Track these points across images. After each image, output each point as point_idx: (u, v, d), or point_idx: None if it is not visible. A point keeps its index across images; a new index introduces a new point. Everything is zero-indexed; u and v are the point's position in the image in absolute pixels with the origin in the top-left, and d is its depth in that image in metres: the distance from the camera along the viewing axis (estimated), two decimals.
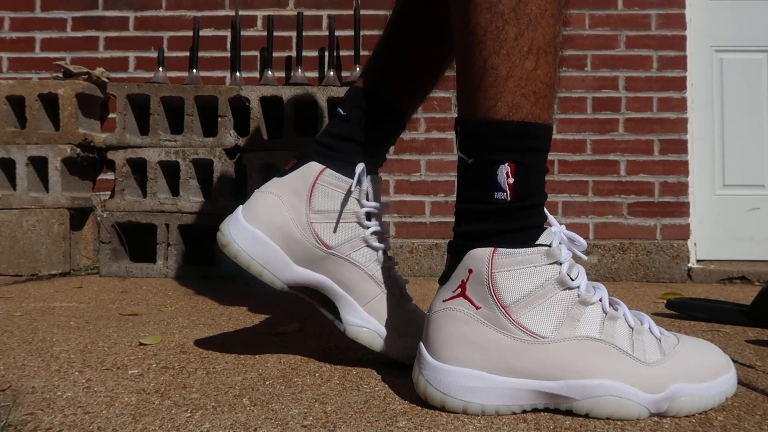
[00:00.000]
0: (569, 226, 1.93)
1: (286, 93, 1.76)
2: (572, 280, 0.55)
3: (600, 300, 0.56)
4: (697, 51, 2.02)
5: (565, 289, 0.55)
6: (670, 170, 1.94)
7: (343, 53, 1.99)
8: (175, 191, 1.79)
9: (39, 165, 1.79)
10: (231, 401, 0.57)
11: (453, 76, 0.62)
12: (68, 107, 1.79)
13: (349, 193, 0.69)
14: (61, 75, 1.88)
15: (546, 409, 0.54)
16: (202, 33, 1.99)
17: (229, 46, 2.01)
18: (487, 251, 0.55)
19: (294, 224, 0.69)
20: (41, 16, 2.01)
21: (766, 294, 1.00)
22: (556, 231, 0.56)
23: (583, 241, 0.58)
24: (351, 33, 1.94)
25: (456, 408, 0.54)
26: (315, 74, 1.99)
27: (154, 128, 1.78)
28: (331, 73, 1.90)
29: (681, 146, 1.95)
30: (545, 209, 0.58)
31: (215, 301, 1.25)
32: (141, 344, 0.82)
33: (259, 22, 2.01)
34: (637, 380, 0.52)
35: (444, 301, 0.56)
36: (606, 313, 0.55)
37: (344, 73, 1.98)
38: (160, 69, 1.94)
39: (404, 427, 0.50)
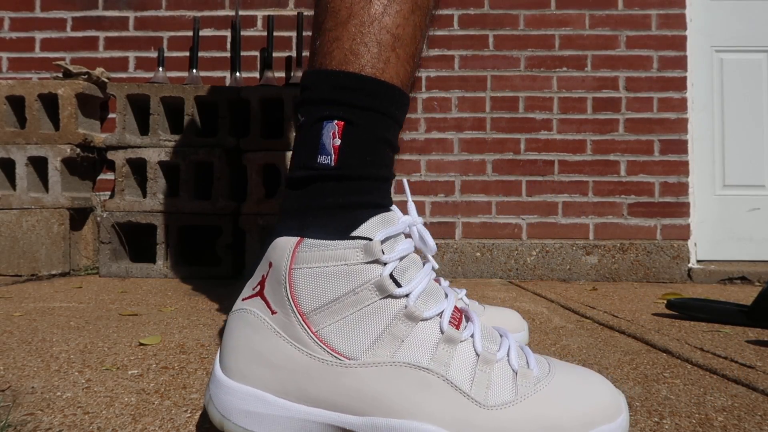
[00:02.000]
0: (569, 226, 1.93)
1: (286, 93, 1.76)
2: (398, 286, 0.43)
3: (440, 315, 0.43)
4: (697, 51, 2.02)
5: (385, 298, 0.42)
6: (670, 170, 1.94)
7: None
8: (175, 191, 1.79)
9: (39, 165, 1.79)
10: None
11: (454, 76, 0.62)
12: (68, 107, 1.79)
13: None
14: (60, 75, 1.88)
15: None
16: (202, 33, 1.99)
17: (229, 46, 2.00)
18: (290, 241, 0.44)
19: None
20: (41, 16, 2.01)
21: (766, 294, 1.00)
22: (399, 224, 0.45)
23: (432, 245, 0.46)
24: None
25: None
26: None
27: (154, 128, 1.78)
28: None
29: (681, 146, 1.95)
30: (407, 191, 0.49)
31: (215, 301, 1.25)
32: (141, 344, 0.82)
33: (259, 22, 2.00)
34: (466, 427, 0.40)
35: (243, 299, 0.46)
36: (443, 333, 0.42)
37: None
38: (160, 69, 1.94)
39: None
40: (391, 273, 0.43)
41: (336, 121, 0.45)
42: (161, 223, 1.72)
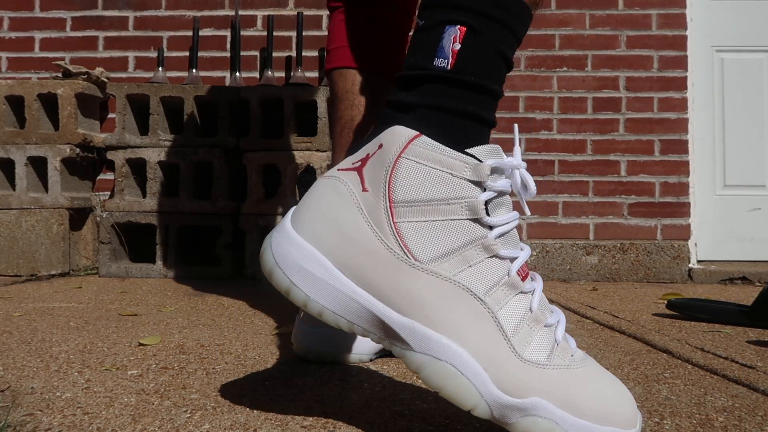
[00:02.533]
0: (570, 226, 1.93)
1: (286, 93, 1.76)
2: (488, 215, 0.43)
3: (511, 260, 0.44)
4: (697, 51, 2.02)
5: (472, 220, 0.43)
6: (670, 170, 1.94)
7: None
8: (174, 191, 1.79)
9: (38, 165, 1.79)
10: (231, 402, 0.57)
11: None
12: (67, 107, 1.78)
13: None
14: (60, 75, 1.88)
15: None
16: (201, 33, 1.99)
17: (228, 45, 2.00)
18: (409, 131, 0.44)
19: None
20: (40, 16, 2.01)
21: (766, 294, 1.00)
22: (510, 161, 0.45)
23: (533, 189, 0.46)
24: None
25: (280, 284, 0.44)
26: (315, 74, 1.99)
27: (153, 128, 1.78)
28: None
29: (681, 146, 1.95)
30: (517, 133, 0.47)
31: (215, 301, 1.25)
32: (140, 345, 0.82)
33: (259, 22, 2.00)
34: (495, 368, 0.41)
35: (339, 170, 0.46)
36: (509, 276, 0.43)
37: None
38: (160, 69, 1.93)
39: (404, 428, 0.50)
40: (487, 201, 0.43)
41: (459, 26, 0.44)
42: (161, 223, 1.72)
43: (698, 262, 1.98)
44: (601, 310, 1.22)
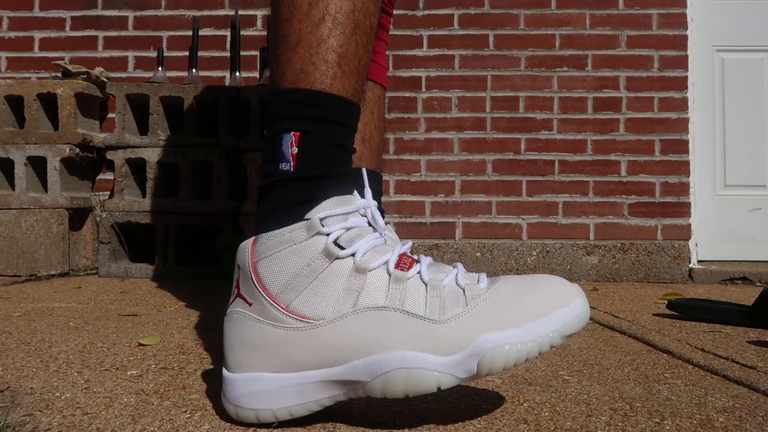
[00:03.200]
0: (570, 227, 1.93)
1: None
2: (342, 248, 0.49)
3: (385, 263, 0.49)
4: (698, 51, 2.01)
5: (334, 260, 0.49)
6: (671, 170, 1.94)
7: None
8: (174, 191, 1.79)
9: (38, 165, 1.79)
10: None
11: (454, 76, 0.62)
12: (67, 107, 1.78)
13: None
14: (59, 75, 1.87)
15: (350, 400, 0.51)
16: (201, 32, 1.99)
17: (228, 45, 2.00)
18: (248, 242, 0.51)
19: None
20: (40, 16, 2.00)
21: (767, 294, 1.00)
22: (357, 203, 0.51)
23: (382, 224, 0.53)
24: None
25: (249, 419, 0.49)
26: None
27: (153, 128, 1.77)
28: None
29: (682, 146, 1.94)
30: (365, 179, 0.54)
31: (215, 302, 1.25)
32: (140, 345, 0.82)
33: (259, 22, 2.00)
34: (429, 344, 0.46)
35: (229, 305, 0.53)
36: (391, 276, 0.48)
37: None
38: (160, 69, 1.93)
39: (404, 428, 0.50)
40: (336, 240, 0.49)
41: (292, 132, 0.51)
42: (161, 223, 1.72)
43: (699, 262, 1.97)
44: (602, 310, 1.21)
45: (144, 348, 0.80)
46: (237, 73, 1.94)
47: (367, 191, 0.53)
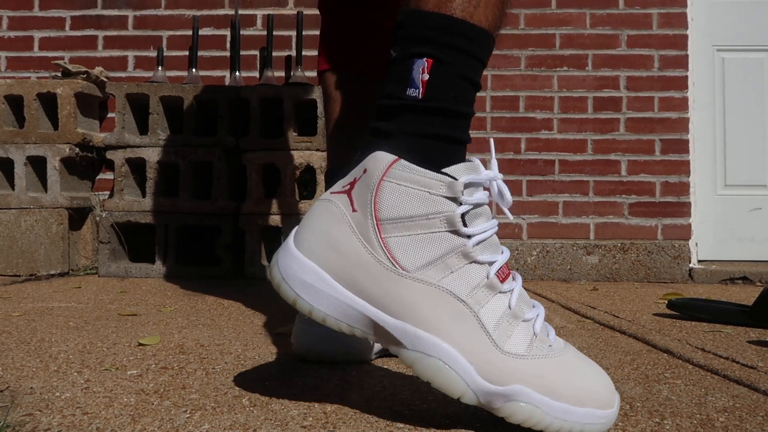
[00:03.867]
0: (570, 226, 1.93)
1: (286, 93, 1.76)
2: (465, 226, 0.48)
3: (490, 263, 0.49)
4: (698, 50, 2.01)
5: (451, 231, 0.48)
6: (671, 170, 1.94)
7: None
8: (174, 191, 1.79)
9: (37, 165, 1.79)
10: (230, 402, 0.57)
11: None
12: (67, 107, 1.78)
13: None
14: (59, 74, 1.87)
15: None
16: (201, 32, 1.99)
17: (228, 45, 2.00)
18: (388, 157, 0.49)
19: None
20: (40, 15, 2.00)
21: (767, 294, 1.00)
22: (483, 174, 0.50)
23: (509, 199, 0.52)
24: None
25: (287, 296, 0.50)
26: (315, 74, 1.98)
27: (153, 128, 1.77)
28: None
29: (682, 146, 1.94)
30: (492, 149, 0.52)
31: (215, 301, 1.25)
32: (140, 344, 0.82)
33: (259, 22, 2.00)
34: (479, 361, 0.46)
35: (331, 193, 0.52)
36: (488, 278, 0.48)
37: None
38: (160, 68, 1.93)
39: (404, 428, 0.50)
40: (463, 213, 0.49)
41: (426, 58, 0.49)
42: (161, 222, 1.72)
43: (699, 261, 1.97)
44: (602, 310, 1.21)
45: (144, 348, 0.80)
46: (237, 73, 1.94)
47: (494, 162, 0.52)
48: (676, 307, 1.12)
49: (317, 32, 2.01)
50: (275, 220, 1.72)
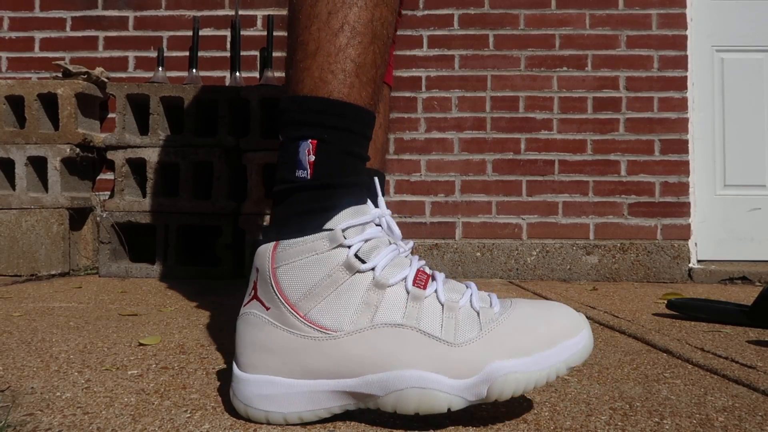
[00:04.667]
0: (570, 226, 1.93)
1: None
2: (363, 262, 0.50)
3: (403, 279, 0.50)
4: (697, 51, 2.02)
5: (354, 274, 0.50)
6: (670, 170, 1.94)
7: None
8: (174, 191, 1.79)
9: (38, 165, 1.79)
10: (231, 402, 0.57)
11: (454, 76, 0.62)
12: (67, 107, 1.78)
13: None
14: (60, 75, 1.88)
15: (359, 410, 0.51)
16: (201, 33, 1.99)
17: (228, 45, 2.00)
18: (268, 246, 0.51)
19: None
20: (40, 16, 2.01)
21: (766, 294, 1.00)
22: (372, 213, 0.52)
23: (398, 232, 0.54)
24: None
25: (259, 419, 0.50)
26: None
27: (153, 128, 1.77)
28: None
29: (682, 146, 1.94)
30: (378, 189, 0.55)
31: (215, 301, 1.25)
32: (140, 344, 0.82)
33: (259, 22, 2.00)
34: (442, 365, 0.47)
35: (243, 305, 0.54)
36: (409, 293, 0.50)
37: None
38: (160, 69, 1.93)
39: (404, 428, 0.50)
40: (356, 253, 0.50)
41: (310, 140, 0.52)
42: (161, 223, 1.72)
43: (698, 261, 1.98)
44: (601, 310, 1.22)
45: (144, 348, 0.80)
46: (237, 73, 1.94)
47: (381, 200, 0.54)
48: (676, 307, 1.12)
49: None
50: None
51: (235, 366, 0.53)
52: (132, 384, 0.63)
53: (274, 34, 1.97)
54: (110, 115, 2.00)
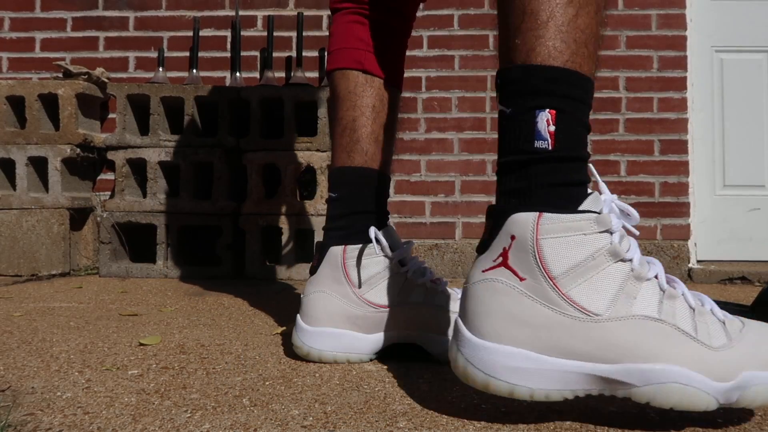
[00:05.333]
0: None
1: (286, 93, 1.76)
2: (626, 252, 0.50)
3: (656, 276, 0.51)
4: (697, 51, 2.02)
5: (617, 262, 0.50)
6: (670, 170, 1.94)
7: None
8: (175, 191, 1.79)
9: (39, 165, 1.79)
10: (231, 401, 0.57)
11: (454, 76, 0.62)
12: (68, 107, 1.79)
13: (383, 255, 0.74)
14: (61, 75, 1.88)
15: (601, 396, 0.51)
16: (202, 33, 1.99)
17: (229, 46, 2.01)
18: (531, 216, 0.50)
19: (348, 305, 0.73)
20: (41, 16, 2.01)
21: (766, 294, 1.00)
22: (606, 198, 0.52)
23: (636, 215, 0.54)
24: None
25: (501, 390, 0.49)
26: (315, 74, 1.99)
27: (154, 128, 1.78)
28: None
29: (681, 146, 1.95)
30: (596, 173, 0.56)
31: (215, 301, 1.25)
32: (141, 344, 0.82)
33: (259, 22, 2.01)
34: (704, 367, 0.47)
35: (483, 271, 0.52)
36: (664, 291, 0.50)
37: None
38: (160, 69, 1.94)
39: (404, 428, 0.50)
40: (619, 240, 0.51)
41: (549, 110, 0.51)
42: (161, 223, 1.72)
43: (698, 262, 1.98)
44: None
45: (144, 348, 0.81)
46: (237, 74, 1.94)
47: (603, 185, 0.55)
48: None
49: (317, 33, 2.01)
50: (275, 220, 1.72)
51: (468, 332, 0.51)
52: (132, 384, 0.63)
53: (274, 34, 1.97)
54: (111, 116, 2.00)
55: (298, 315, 0.75)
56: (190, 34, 1.98)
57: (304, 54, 1.96)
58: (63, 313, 1.08)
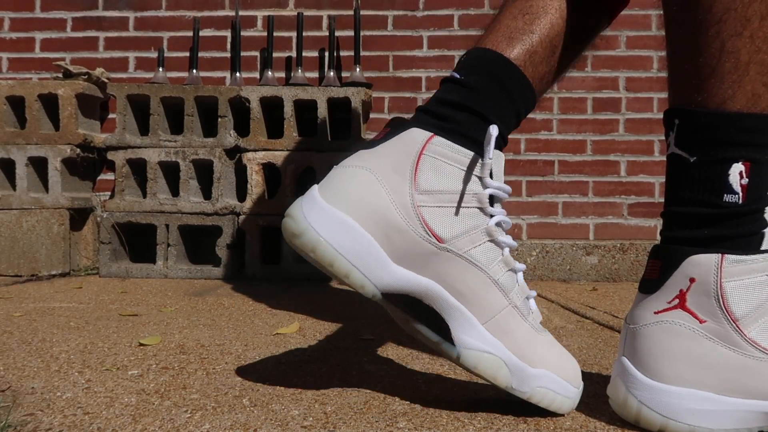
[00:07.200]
0: (569, 227, 1.93)
1: (286, 93, 1.76)
2: None
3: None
4: None
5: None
6: None
7: (343, 53, 1.99)
8: (175, 192, 1.79)
9: (39, 165, 1.79)
10: (231, 402, 0.57)
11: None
12: (68, 107, 1.79)
13: (470, 168, 0.53)
14: (60, 75, 1.88)
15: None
16: (202, 33, 1.99)
17: (229, 46, 2.01)
18: (713, 258, 0.49)
19: (395, 207, 0.51)
20: (41, 17, 2.01)
21: None
22: None
23: None
24: (351, 33, 1.94)
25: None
26: (315, 74, 1.99)
27: (154, 129, 1.78)
28: (331, 73, 1.90)
29: None
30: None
31: (215, 301, 1.25)
32: (141, 345, 0.82)
33: (259, 23, 2.01)
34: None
35: (656, 312, 0.51)
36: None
37: (344, 74, 1.98)
38: (160, 69, 1.94)
39: (404, 428, 0.50)
40: None
41: (742, 161, 0.49)
42: (161, 223, 1.72)
43: None
44: (601, 310, 1.22)
45: (145, 348, 0.81)
46: (237, 74, 1.94)
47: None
48: None
49: (317, 33, 2.01)
50: (275, 220, 1.72)
51: (642, 375, 0.51)
52: (132, 384, 0.63)
53: (274, 34, 1.97)
54: (111, 116, 2.00)
55: (315, 185, 0.52)
56: (190, 34, 1.98)
57: (304, 54, 1.96)
58: (63, 314, 1.08)
